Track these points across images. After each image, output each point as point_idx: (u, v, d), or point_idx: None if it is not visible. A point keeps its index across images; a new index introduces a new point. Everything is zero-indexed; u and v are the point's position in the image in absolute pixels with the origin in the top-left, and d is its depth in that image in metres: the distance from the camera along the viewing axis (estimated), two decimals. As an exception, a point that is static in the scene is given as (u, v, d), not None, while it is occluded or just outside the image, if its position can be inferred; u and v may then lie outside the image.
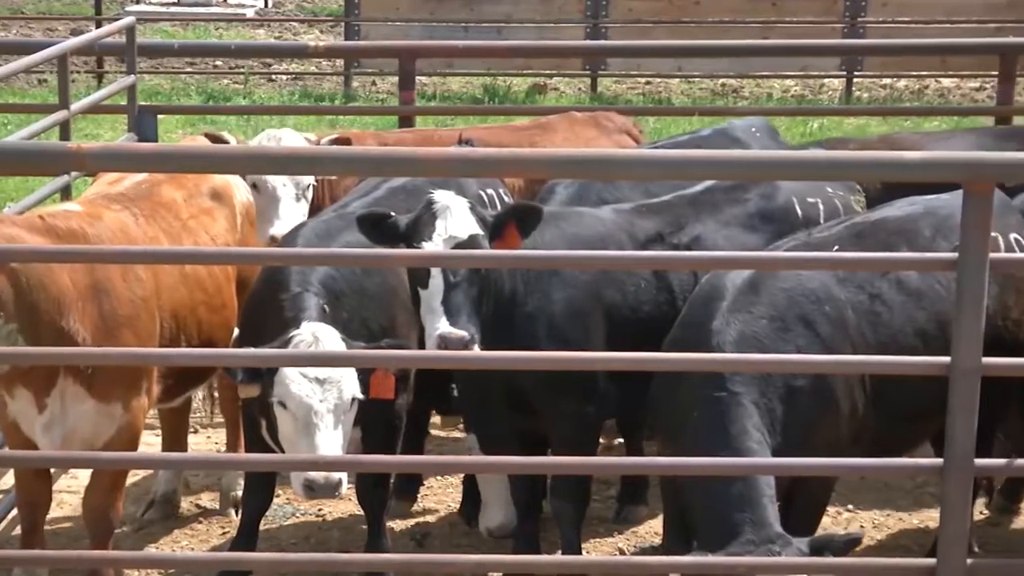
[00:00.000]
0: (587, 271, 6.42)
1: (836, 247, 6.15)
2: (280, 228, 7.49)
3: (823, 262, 5.72)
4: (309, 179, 7.75)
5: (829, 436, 5.83)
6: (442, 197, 6.13)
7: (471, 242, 6.04)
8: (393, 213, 6.19)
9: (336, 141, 7.91)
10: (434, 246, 6.01)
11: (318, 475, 5.84)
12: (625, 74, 19.99)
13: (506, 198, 7.40)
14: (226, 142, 7.56)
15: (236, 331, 6.80)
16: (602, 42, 18.71)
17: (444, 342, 5.85)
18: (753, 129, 8.03)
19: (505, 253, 5.91)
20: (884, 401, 5.95)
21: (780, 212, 6.94)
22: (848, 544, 5.23)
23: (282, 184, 7.62)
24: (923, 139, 8.35)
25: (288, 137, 7.91)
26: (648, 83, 20.15)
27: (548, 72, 19.78)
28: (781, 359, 5.59)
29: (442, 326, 5.89)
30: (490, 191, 7.34)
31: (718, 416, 5.57)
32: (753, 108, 16.91)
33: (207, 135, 7.87)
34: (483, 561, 5.83)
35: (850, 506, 7.69)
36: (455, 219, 6.07)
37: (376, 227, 6.12)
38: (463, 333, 5.88)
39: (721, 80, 20.01)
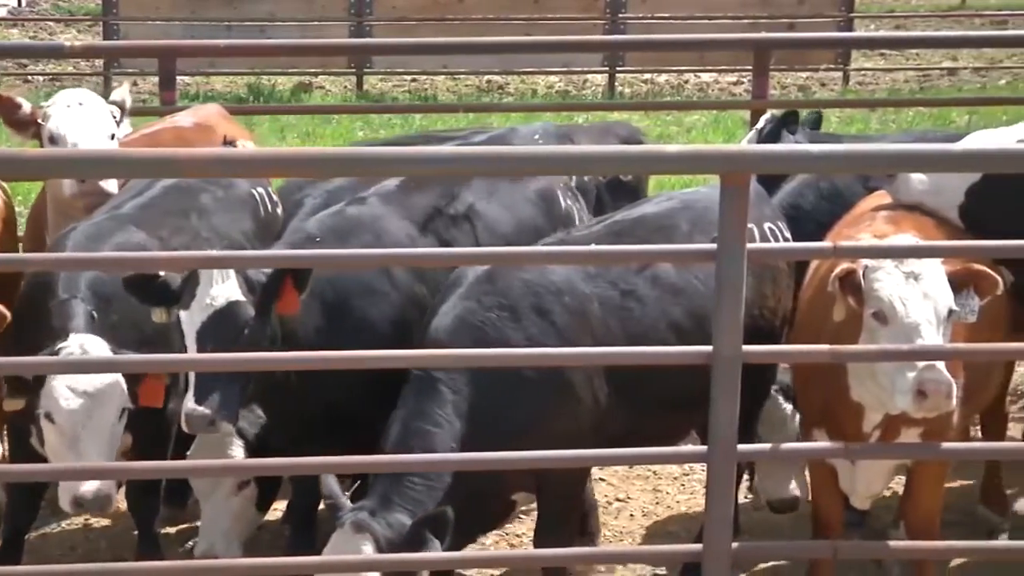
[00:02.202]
0: (400, 283, 6.40)
1: (594, 245, 6.20)
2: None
3: (583, 256, 5.80)
4: (115, 130, 7.30)
5: (568, 426, 5.89)
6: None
7: (229, 309, 5.85)
8: (161, 274, 5.95)
9: None
10: (190, 314, 5.86)
11: (87, 491, 5.70)
12: (391, 72, 20.00)
13: (274, 197, 7.33)
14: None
15: None
16: (367, 40, 18.70)
17: (187, 420, 5.75)
18: (536, 136, 8.07)
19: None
20: (633, 392, 6.00)
21: (545, 192, 6.99)
22: (440, 521, 5.35)
23: (82, 136, 7.16)
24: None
25: (88, 98, 7.41)
26: (414, 80, 20.19)
27: (313, 71, 19.67)
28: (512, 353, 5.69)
29: (187, 403, 5.75)
30: (260, 190, 7.26)
31: (411, 398, 5.73)
32: (517, 104, 17.09)
33: None
34: (256, 565, 5.77)
35: (620, 495, 7.81)
36: (220, 285, 5.87)
37: (143, 289, 5.93)
38: (205, 412, 5.72)
39: (487, 77, 20.14)
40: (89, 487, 5.68)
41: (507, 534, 7.18)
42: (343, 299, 6.31)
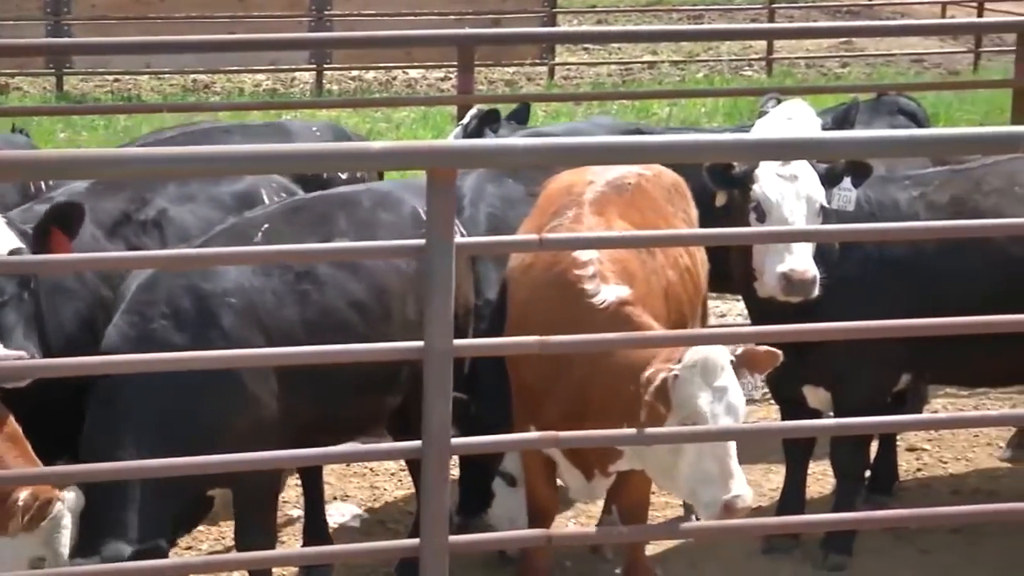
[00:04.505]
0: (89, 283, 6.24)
1: (266, 225, 6.20)
2: None
3: (283, 254, 5.75)
4: None
5: (246, 425, 5.88)
6: None
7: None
8: None
9: None
10: None
11: None
12: (92, 72, 19.53)
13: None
14: None
15: None
16: (68, 39, 18.22)
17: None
18: (315, 129, 7.97)
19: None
20: (317, 380, 5.99)
21: (245, 195, 6.90)
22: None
23: None
24: None
25: None
26: (117, 80, 19.76)
27: (10, 71, 19.08)
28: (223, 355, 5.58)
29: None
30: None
31: (100, 416, 5.67)
32: (224, 103, 16.87)
33: None
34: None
35: (339, 494, 7.79)
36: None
37: None
38: (18, 353, 5.56)
39: (192, 76, 19.84)
40: None
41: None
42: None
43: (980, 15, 21.66)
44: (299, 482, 7.27)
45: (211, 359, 5.35)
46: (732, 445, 5.65)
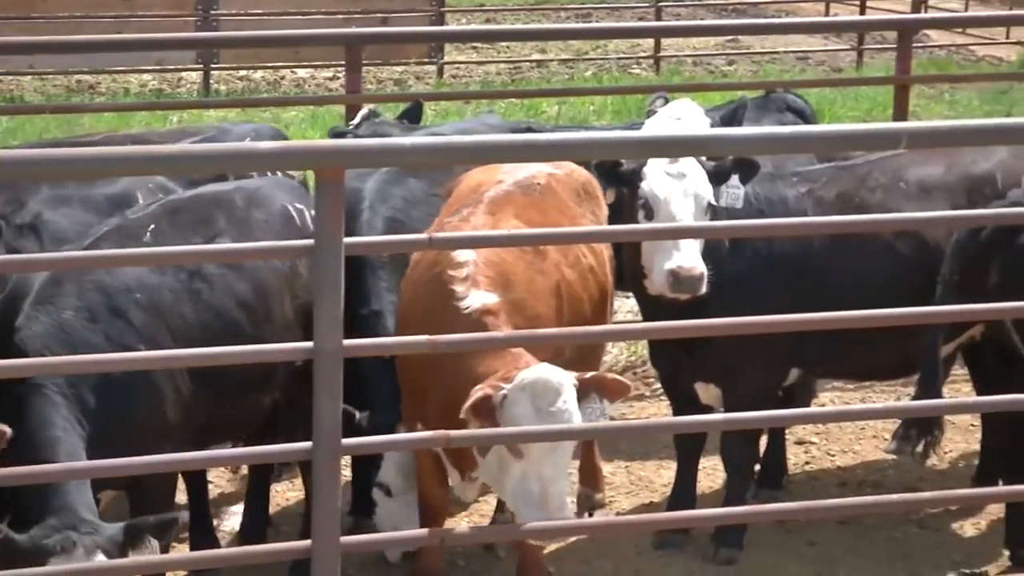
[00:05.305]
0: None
1: (152, 226, 6.25)
2: None
3: (177, 256, 5.73)
4: None
5: (154, 421, 5.93)
6: None
7: None
8: None
9: None
10: None
11: None
12: (-27, 72, 19.24)
13: None
14: None
15: None
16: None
17: None
18: (249, 129, 7.95)
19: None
20: (215, 379, 6.05)
21: (120, 198, 6.91)
22: (164, 525, 5.32)
23: None
24: None
25: None
26: (-1, 81, 19.49)
27: None
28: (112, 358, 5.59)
29: None
30: None
31: (25, 411, 5.60)
32: (110, 104, 16.70)
33: None
34: None
35: (230, 498, 7.75)
36: None
37: None
38: None
39: (76, 76, 19.60)
40: None
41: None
42: None
43: (862, 13, 21.95)
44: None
45: (109, 362, 5.38)
46: (561, 471, 5.63)
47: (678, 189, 6.66)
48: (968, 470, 8.08)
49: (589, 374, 5.76)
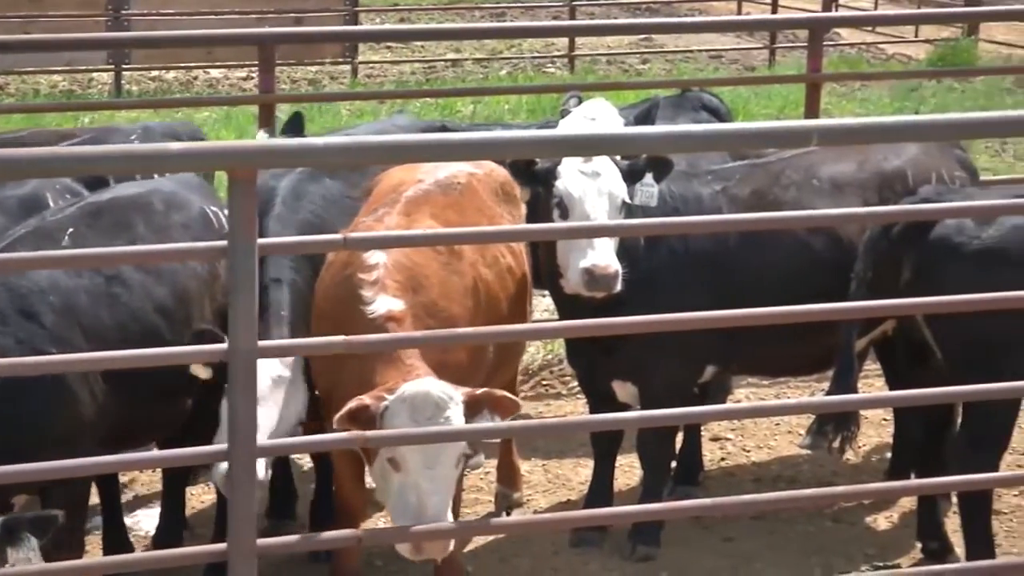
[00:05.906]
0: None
1: (71, 229, 6.21)
2: None
3: (90, 258, 5.67)
4: None
5: (70, 427, 5.90)
6: None
7: None
8: None
9: None
10: None
11: None
12: None
13: None
14: None
15: None
16: None
17: None
18: (133, 136, 7.83)
19: None
20: (128, 382, 6.02)
21: (30, 200, 6.85)
22: (43, 521, 5.17)
23: None
24: None
25: None
26: (-94, 82, 19.20)
27: None
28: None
29: None
30: None
31: None
32: (19, 105, 16.50)
33: None
34: None
35: (146, 501, 7.69)
36: None
37: None
38: None
39: (-16, 77, 19.38)
40: None
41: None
42: None
43: (774, 12, 22.09)
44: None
45: (26, 365, 5.34)
46: (441, 484, 5.63)
47: (592, 188, 6.68)
48: (881, 464, 8.17)
49: (480, 390, 5.78)
